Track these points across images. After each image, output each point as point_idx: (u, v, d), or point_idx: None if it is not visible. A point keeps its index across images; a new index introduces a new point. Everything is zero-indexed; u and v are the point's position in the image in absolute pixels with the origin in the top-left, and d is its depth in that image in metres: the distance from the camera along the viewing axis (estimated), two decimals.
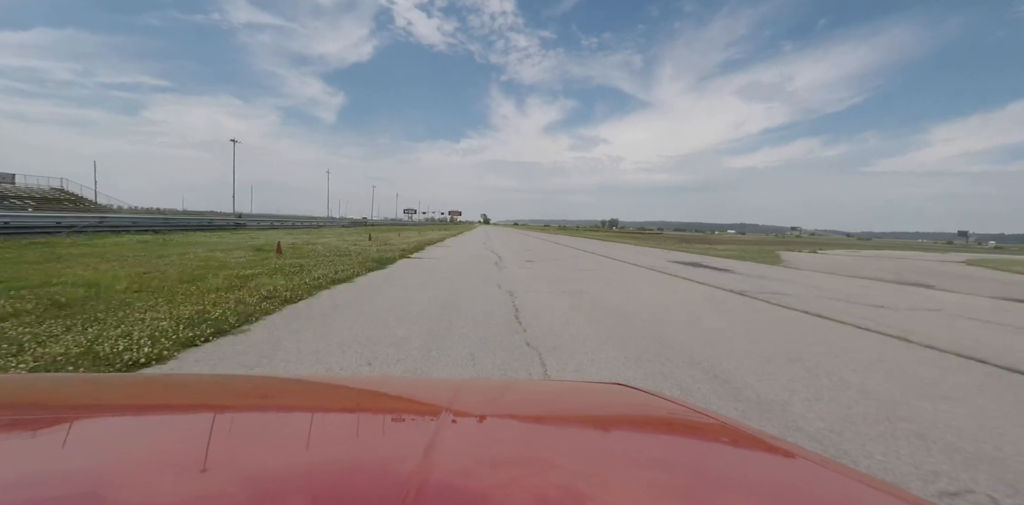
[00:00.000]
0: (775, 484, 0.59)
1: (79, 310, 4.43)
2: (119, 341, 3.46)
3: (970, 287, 10.57)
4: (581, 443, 0.69)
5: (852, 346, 4.39)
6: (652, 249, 23.68)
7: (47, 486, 0.46)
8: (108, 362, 3.08)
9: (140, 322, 4.06)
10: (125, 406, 0.76)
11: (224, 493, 0.47)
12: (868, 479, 0.59)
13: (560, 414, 0.85)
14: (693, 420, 0.83)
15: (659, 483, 0.55)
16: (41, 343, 3.37)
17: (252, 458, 0.55)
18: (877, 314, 6.24)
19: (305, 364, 3.28)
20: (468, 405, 0.79)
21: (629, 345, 4.11)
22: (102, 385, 0.89)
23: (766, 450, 0.71)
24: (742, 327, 5.06)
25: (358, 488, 0.48)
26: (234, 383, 1.01)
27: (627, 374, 3.31)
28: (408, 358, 3.49)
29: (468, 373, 3.21)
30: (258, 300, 5.31)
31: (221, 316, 4.42)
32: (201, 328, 3.95)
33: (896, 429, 2.52)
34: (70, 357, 3.10)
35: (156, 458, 0.55)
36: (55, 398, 0.77)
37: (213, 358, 3.35)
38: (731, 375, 3.36)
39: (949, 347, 4.48)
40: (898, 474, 2.03)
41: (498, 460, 0.58)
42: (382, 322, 4.63)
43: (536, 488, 0.50)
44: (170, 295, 5.37)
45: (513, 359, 3.57)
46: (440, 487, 0.47)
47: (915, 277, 12.73)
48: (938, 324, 5.72)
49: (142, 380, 1.06)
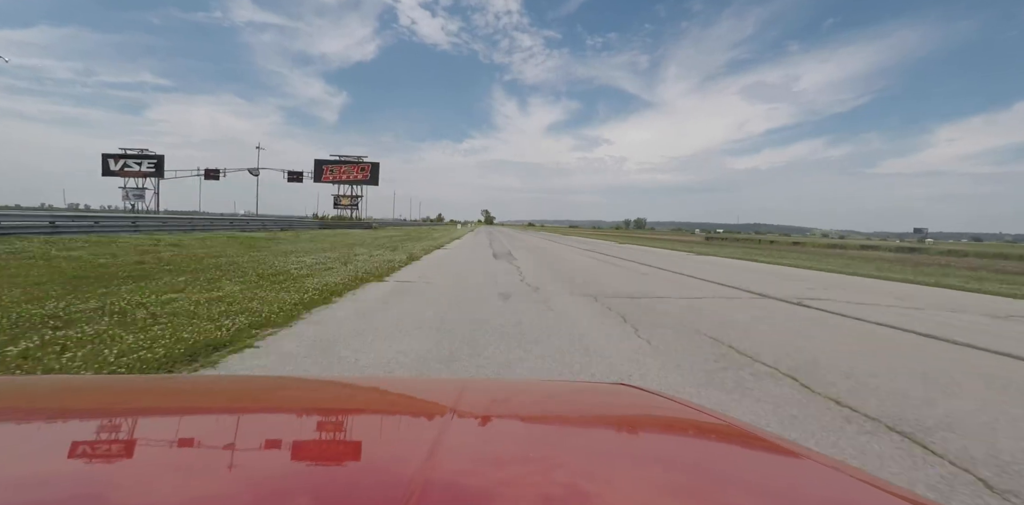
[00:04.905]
0: (780, 484, 0.59)
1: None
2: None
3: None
4: (585, 443, 0.69)
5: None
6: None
7: (49, 487, 0.46)
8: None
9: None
10: (126, 408, 0.75)
11: (228, 494, 0.46)
12: (873, 479, 0.59)
13: (564, 414, 0.85)
14: (697, 420, 0.83)
15: (663, 483, 0.55)
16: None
17: (256, 459, 0.55)
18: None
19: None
20: (472, 405, 0.79)
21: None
22: (102, 387, 0.90)
23: (771, 450, 0.71)
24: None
25: (362, 488, 0.47)
26: (237, 384, 1.01)
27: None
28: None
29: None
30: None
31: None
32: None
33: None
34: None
35: (159, 459, 0.55)
36: (56, 400, 0.77)
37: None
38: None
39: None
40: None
41: (502, 460, 0.58)
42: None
43: (541, 488, 0.50)
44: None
45: None
46: (444, 487, 0.47)
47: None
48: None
49: (143, 381, 1.06)
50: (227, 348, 3.35)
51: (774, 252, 25.97)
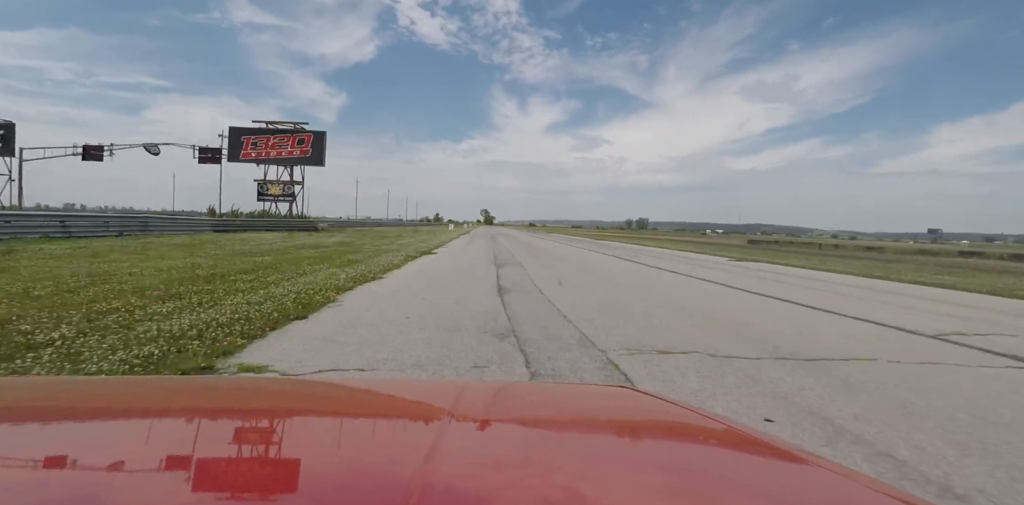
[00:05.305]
0: (779, 488, 0.58)
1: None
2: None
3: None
4: (584, 446, 0.68)
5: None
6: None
7: (49, 487, 0.47)
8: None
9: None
10: (126, 408, 0.76)
11: (227, 495, 0.47)
12: (874, 483, 0.58)
13: (563, 417, 0.84)
14: (696, 423, 0.81)
15: (663, 487, 0.54)
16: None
17: (254, 460, 0.56)
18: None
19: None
20: (470, 408, 0.78)
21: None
22: (102, 387, 0.90)
23: (771, 454, 0.69)
24: None
25: (360, 490, 0.48)
26: (236, 385, 1.02)
27: None
28: None
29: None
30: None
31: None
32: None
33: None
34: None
35: (156, 460, 0.55)
36: (56, 400, 0.77)
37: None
38: None
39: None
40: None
41: (501, 463, 0.57)
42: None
43: (539, 492, 0.49)
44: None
45: None
46: (443, 490, 0.47)
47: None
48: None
49: (143, 382, 1.08)
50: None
51: (843, 259, 19.39)
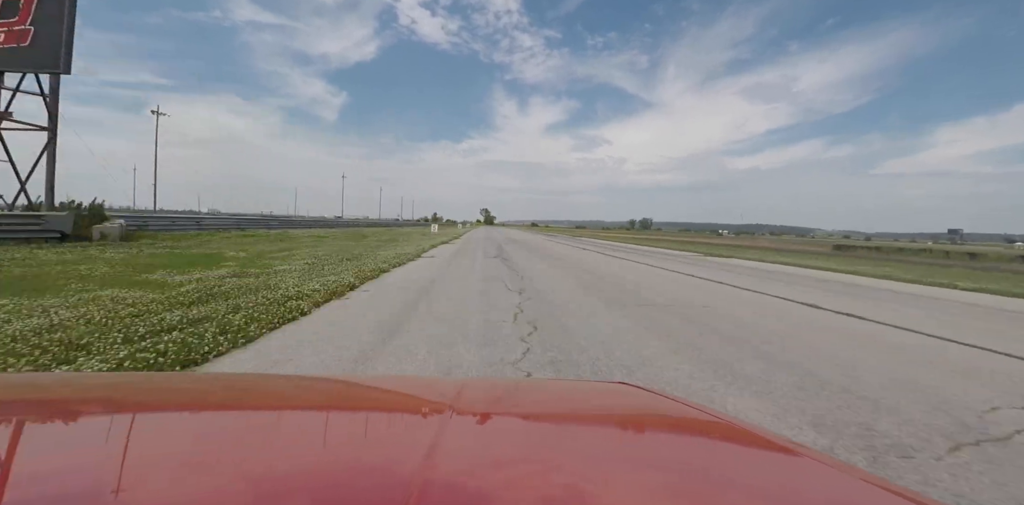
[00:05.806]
0: (780, 484, 0.59)
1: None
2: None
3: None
4: (585, 443, 0.68)
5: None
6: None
7: (50, 484, 0.47)
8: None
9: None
10: (127, 405, 0.75)
11: (226, 492, 0.46)
12: (873, 478, 0.59)
13: (564, 414, 0.84)
14: (697, 419, 0.82)
15: (663, 483, 0.54)
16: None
17: (254, 457, 0.55)
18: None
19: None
20: (471, 404, 0.78)
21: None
22: (103, 384, 0.89)
23: (771, 449, 0.71)
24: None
25: (361, 488, 0.47)
26: (237, 382, 1.01)
27: None
28: None
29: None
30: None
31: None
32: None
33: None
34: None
35: (158, 457, 0.55)
36: (58, 397, 0.77)
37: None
38: None
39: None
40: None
41: (501, 460, 0.58)
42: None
43: (540, 488, 0.49)
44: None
45: None
46: (443, 487, 0.47)
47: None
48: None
49: (144, 379, 1.06)
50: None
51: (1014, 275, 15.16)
